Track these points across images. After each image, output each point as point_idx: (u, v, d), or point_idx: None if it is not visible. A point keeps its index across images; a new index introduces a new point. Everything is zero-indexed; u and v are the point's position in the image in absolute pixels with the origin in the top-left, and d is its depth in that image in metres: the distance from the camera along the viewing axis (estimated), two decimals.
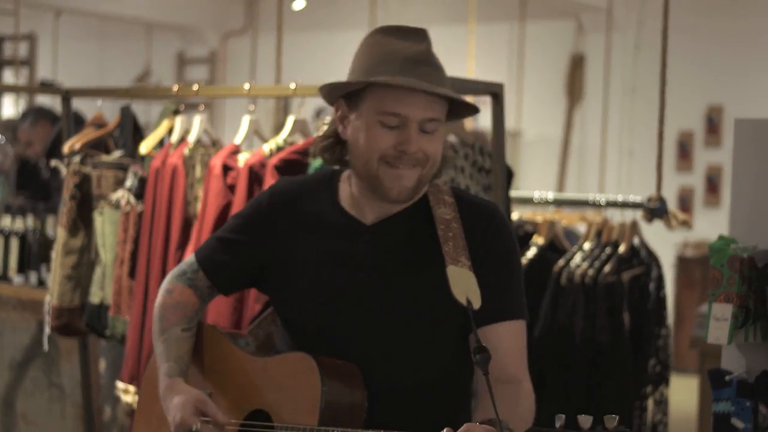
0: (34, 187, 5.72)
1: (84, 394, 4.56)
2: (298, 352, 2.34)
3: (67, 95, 4.18)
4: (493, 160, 3.29)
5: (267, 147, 3.54)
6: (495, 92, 3.23)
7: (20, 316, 5.06)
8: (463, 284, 2.24)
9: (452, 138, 3.44)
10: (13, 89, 7.27)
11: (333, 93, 2.33)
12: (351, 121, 2.31)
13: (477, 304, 2.23)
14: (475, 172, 3.47)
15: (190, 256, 2.58)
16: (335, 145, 2.37)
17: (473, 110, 2.36)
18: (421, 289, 2.33)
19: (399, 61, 2.24)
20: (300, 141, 3.58)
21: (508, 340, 2.31)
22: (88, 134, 4.01)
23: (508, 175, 3.47)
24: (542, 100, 10.22)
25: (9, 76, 11.84)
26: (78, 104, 4.84)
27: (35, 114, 6.25)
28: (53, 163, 4.03)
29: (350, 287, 2.34)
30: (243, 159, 3.56)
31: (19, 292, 5.02)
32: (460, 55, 9.08)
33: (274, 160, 3.45)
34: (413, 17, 10.89)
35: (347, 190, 2.40)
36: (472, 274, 2.27)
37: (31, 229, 5.02)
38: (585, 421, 1.93)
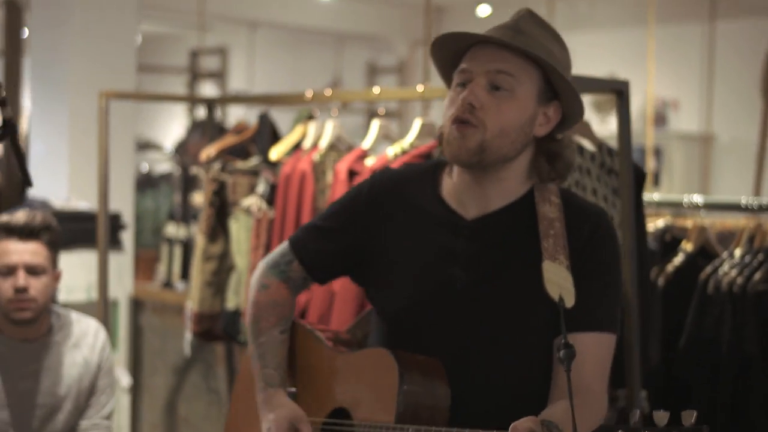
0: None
1: None
2: (379, 347, 2.30)
3: (211, 104, 4.23)
4: (619, 161, 3.13)
5: (392, 151, 3.49)
6: (619, 90, 3.08)
7: (183, 323, 5.17)
8: (558, 281, 2.17)
9: (578, 139, 3.29)
10: (165, 98, 7.60)
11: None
12: None
13: (570, 302, 2.14)
14: (603, 175, 3.31)
15: (283, 244, 2.53)
16: None
17: (572, 95, 2.26)
18: (516, 287, 2.25)
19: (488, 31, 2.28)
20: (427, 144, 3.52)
21: (591, 351, 2.21)
22: (226, 141, 4.05)
23: (639, 177, 3.30)
24: (735, 102, 9.81)
25: (207, 89, 12.20)
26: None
27: (203, 127, 6.39)
28: (194, 170, 4.09)
29: (445, 282, 2.28)
30: (369, 164, 3.52)
31: (182, 298, 5.14)
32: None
33: (396, 164, 3.39)
34: (601, 18, 10.66)
35: (450, 182, 2.35)
36: (568, 273, 2.19)
37: (192, 237, 5.15)
38: (661, 417, 1.78)
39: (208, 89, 12.33)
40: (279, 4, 11.39)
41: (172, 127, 12.93)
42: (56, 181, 5.43)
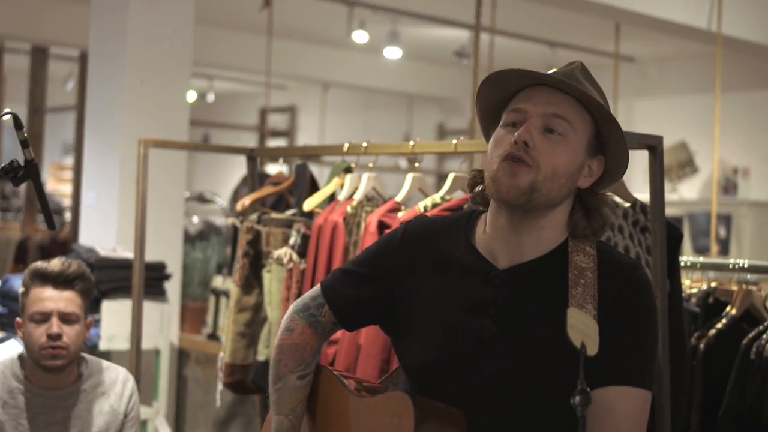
0: None
1: None
2: (399, 392, 2.24)
3: (251, 154, 4.22)
4: (650, 218, 3.04)
5: (422, 204, 3.44)
6: (652, 145, 3.00)
7: None
8: (582, 328, 2.05)
9: (611, 196, 3.21)
10: (202, 147, 7.66)
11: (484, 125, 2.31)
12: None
13: (592, 350, 2.02)
14: (636, 233, 3.22)
15: (314, 288, 2.48)
16: (482, 180, 2.27)
17: (622, 148, 2.20)
18: (546, 340, 2.16)
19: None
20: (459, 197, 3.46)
21: (624, 407, 2.12)
22: (263, 191, 4.03)
23: (675, 236, 3.20)
24: None
25: (276, 146, 12.31)
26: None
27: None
28: (230, 220, 4.07)
29: (472, 331, 2.20)
30: (400, 216, 3.47)
31: None
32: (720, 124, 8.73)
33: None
34: (671, 85, 10.54)
35: (482, 231, 2.28)
36: (594, 323, 2.08)
37: None
38: None
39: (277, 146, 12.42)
40: (350, 65, 11.47)
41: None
42: (106, 229, 5.46)
